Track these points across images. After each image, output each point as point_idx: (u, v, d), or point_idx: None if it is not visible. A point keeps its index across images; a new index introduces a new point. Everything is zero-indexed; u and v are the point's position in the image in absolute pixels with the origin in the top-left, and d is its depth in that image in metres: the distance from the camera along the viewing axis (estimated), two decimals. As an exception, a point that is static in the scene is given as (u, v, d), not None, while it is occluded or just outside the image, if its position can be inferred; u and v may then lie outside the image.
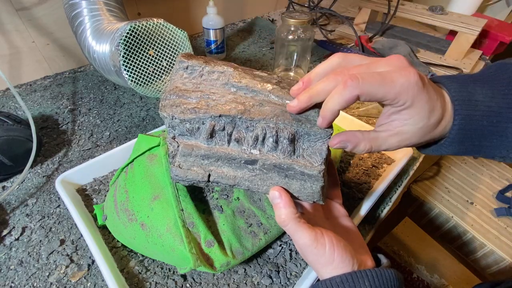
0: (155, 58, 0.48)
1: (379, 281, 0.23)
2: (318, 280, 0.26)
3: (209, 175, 0.26)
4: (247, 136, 0.25)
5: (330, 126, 0.25)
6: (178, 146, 0.26)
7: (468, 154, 0.25)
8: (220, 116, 0.25)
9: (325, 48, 0.89)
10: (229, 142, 0.26)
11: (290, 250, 0.37)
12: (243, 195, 0.35)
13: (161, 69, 0.49)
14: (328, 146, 0.25)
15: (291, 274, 0.35)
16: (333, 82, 0.22)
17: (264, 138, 0.25)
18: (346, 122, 0.53)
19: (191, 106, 0.25)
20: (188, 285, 0.33)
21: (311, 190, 0.26)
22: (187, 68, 0.27)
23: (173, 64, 0.51)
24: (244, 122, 0.25)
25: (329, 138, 0.25)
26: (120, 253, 0.35)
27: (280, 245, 0.37)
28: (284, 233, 0.37)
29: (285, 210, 0.25)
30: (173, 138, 0.26)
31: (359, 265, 0.25)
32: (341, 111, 0.54)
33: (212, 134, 0.25)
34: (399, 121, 0.23)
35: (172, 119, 0.25)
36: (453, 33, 0.87)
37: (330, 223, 0.30)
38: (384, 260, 0.28)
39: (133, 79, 0.45)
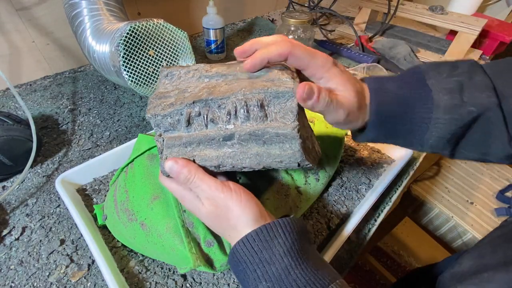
0: (155, 58, 0.48)
1: (291, 227, 0.25)
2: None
3: (194, 160, 0.27)
4: (221, 114, 0.26)
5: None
6: (163, 141, 0.27)
7: (389, 140, 0.29)
8: (193, 102, 0.26)
9: (325, 48, 0.89)
10: (206, 125, 0.27)
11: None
12: None
13: (161, 69, 0.49)
14: (298, 103, 0.26)
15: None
16: (276, 39, 0.27)
17: (236, 112, 0.26)
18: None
19: (170, 102, 0.27)
20: (188, 285, 0.33)
21: (291, 151, 0.26)
22: (167, 75, 0.30)
23: (173, 64, 0.51)
24: (216, 102, 0.26)
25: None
26: (120, 253, 0.35)
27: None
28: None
29: (187, 167, 0.26)
30: (159, 135, 0.28)
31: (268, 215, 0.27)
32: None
33: (189, 121, 0.27)
34: (336, 90, 0.27)
35: (155, 118, 0.27)
36: (453, 33, 0.87)
37: None
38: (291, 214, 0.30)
39: (133, 80, 0.45)
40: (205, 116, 0.26)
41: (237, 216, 0.26)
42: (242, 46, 0.27)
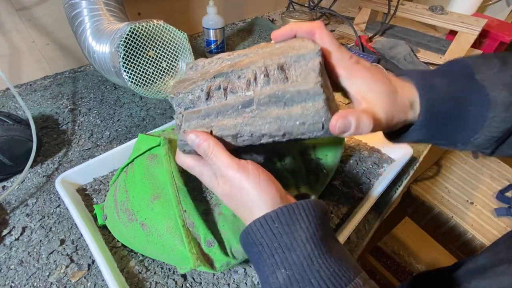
0: (155, 59, 0.48)
1: (315, 210, 0.24)
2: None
3: (211, 131, 0.26)
4: (240, 83, 0.26)
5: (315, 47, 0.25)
6: (183, 117, 0.27)
7: (435, 141, 0.27)
8: (214, 77, 0.26)
9: (325, 48, 0.88)
10: (226, 96, 0.26)
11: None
12: None
13: (161, 70, 0.49)
14: (320, 61, 0.24)
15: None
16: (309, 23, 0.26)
17: (256, 78, 0.25)
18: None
19: (193, 81, 0.27)
20: (188, 285, 0.33)
21: (315, 109, 0.24)
22: (192, 67, 0.30)
23: (173, 65, 0.51)
24: (236, 73, 0.26)
25: (319, 52, 0.24)
26: (120, 253, 0.35)
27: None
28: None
29: (207, 141, 0.25)
30: (180, 113, 0.28)
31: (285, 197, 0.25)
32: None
33: (209, 94, 0.26)
34: (362, 92, 0.25)
35: (177, 96, 0.27)
36: (453, 33, 0.87)
37: None
38: (312, 196, 0.28)
39: (133, 80, 0.45)
40: (225, 88, 0.26)
41: (253, 199, 0.24)
42: (280, 29, 0.26)
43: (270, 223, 0.23)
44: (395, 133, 0.28)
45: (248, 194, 0.24)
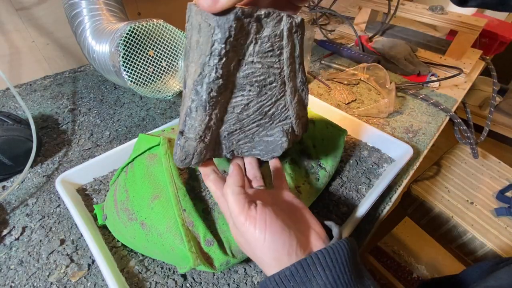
0: (155, 58, 0.48)
1: (333, 260, 0.22)
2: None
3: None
4: None
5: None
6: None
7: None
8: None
9: (325, 48, 0.89)
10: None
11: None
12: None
13: (161, 69, 0.49)
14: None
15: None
16: None
17: None
18: (346, 122, 0.53)
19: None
20: (188, 284, 0.33)
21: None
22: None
23: (173, 65, 0.51)
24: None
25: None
26: (120, 253, 0.35)
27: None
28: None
29: (214, 184, 0.28)
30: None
31: (304, 245, 0.24)
32: (341, 111, 0.54)
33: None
34: None
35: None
36: (453, 33, 0.87)
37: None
38: (335, 229, 0.27)
39: (133, 80, 0.45)
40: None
41: (260, 256, 0.24)
42: None
43: (285, 282, 0.22)
44: None
45: (255, 247, 0.24)
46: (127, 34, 0.43)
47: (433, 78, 0.75)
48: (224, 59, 0.23)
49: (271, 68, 0.26)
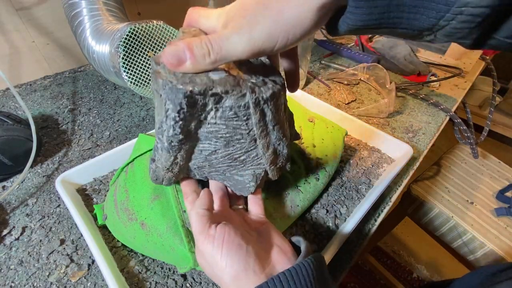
0: (155, 58, 0.48)
1: (296, 282, 0.21)
2: None
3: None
4: None
5: None
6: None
7: (383, 25, 0.17)
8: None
9: (325, 48, 0.89)
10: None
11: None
12: None
13: (161, 69, 0.49)
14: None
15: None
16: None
17: None
18: (346, 122, 0.53)
19: None
20: (188, 284, 0.33)
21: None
22: None
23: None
24: None
25: None
26: (120, 253, 0.35)
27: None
28: (285, 230, 0.37)
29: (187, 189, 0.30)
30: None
31: (264, 261, 0.24)
32: (341, 111, 0.54)
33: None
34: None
35: None
36: (453, 33, 0.87)
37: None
38: (303, 245, 0.26)
39: (133, 81, 0.45)
40: None
41: (219, 271, 0.23)
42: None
43: None
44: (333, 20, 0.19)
45: (214, 266, 0.24)
46: (127, 35, 0.43)
47: (433, 78, 0.75)
48: (180, 122, 0.22)
49: (237, 129, 0.25)
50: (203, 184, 0.34)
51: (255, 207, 0.32)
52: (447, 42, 0.16)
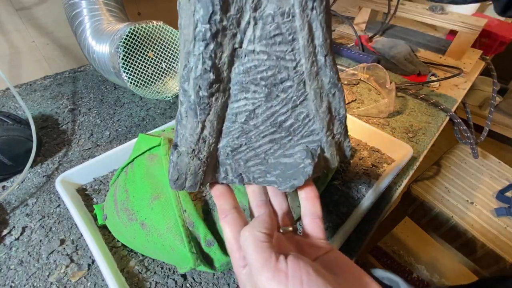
0: (154, 60, 0.48)
1: None
2: None
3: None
4: None
5: None
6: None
7: None
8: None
9: (325, 48, 0.88)
10: None
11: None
12: (242, 195, 0.35)
13: (161, 71, 0.49)
14: None
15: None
16: None
17: None
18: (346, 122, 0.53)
19: None
20: (188, 284, 0.33)
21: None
22: None
23: (173, 66, 0.51)
24: None
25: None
26: (120, 253, 0.35)
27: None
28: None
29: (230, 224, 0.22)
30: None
31: None
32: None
33: None
34: None
35: None
36: (453, 33, 0.87)
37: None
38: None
39: (133, 81, 0.45)
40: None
41: None
42: None
43: None
44: None
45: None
46: (127, 35, 0.43)
47: (433, 78, 0.75)
48: (212, 45, 0.18)
49: (281, 60, 0.20)
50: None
51: (313, 226, 0.23)
52: (479, 2, 0.15)
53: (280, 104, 0.21)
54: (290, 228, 0.24)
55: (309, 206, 0.24)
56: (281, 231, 0.24)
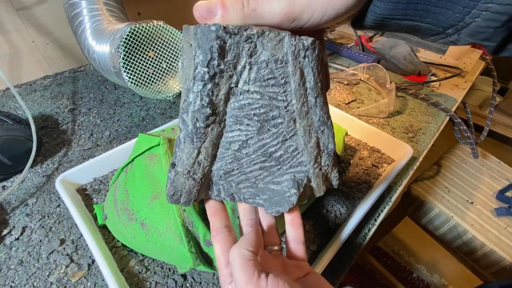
0: (155, 59, 0.48)
1: None
2: None
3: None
4: None
5: None
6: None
7: (408, 17, 0.18)
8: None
9: (326, 48, 0.88)
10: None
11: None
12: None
13: (161, 70, 0.49)
14: None
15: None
16: None
17: None
18: (346, 122, 0.53)
19: None
20: (188, 284, 0.33)
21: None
22: None
23: (173, 66, 0.51)
24: None
25: None
26: (120, 253, 0.35)
27: (280, 244, 0.37)
28: (284, 232, 0.37)
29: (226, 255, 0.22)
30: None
31: None
32: (341, 111, 0.54)
33: None
34: None
35: None
36: (453, 33, 0.87)
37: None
38: None
39: (133, 81, 0.45)
40: None
41: None
42: None
43: None
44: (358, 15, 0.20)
45: None
46: (128, 35, 0.43)
47: (433, 78, 0.75)
48: (209, 84, 0.20)
49: (274, 100, 0.21)
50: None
51: (296, 250, 0.26)
52: (470, 44, 0.16)
53: (271, 137, 0.23)
54: (276, 247, 0.26)
55: (293, 231, 0.26)
56: (268, 249, 0.26)
